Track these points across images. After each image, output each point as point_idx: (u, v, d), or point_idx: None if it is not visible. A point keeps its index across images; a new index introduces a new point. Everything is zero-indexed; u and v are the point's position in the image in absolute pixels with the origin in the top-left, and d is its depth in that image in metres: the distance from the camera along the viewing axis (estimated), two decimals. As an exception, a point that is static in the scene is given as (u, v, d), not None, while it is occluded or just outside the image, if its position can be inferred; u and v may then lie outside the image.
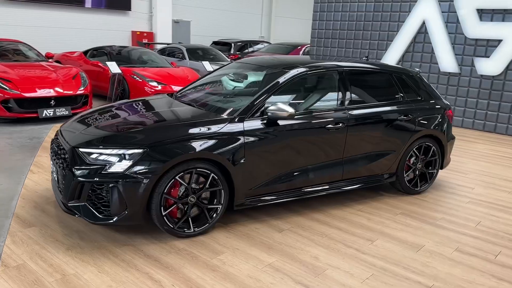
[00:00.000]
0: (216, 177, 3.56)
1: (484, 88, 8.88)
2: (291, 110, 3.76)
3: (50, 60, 9.42)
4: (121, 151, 3.30)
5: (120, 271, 3.03)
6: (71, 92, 7.84)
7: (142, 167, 3.26)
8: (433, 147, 4.91)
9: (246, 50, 15.49)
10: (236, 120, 3.70)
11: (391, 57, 10.00)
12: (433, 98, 5.04)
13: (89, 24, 14.11)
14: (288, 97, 4.21)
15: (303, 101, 4.41)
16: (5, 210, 3.94)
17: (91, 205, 3.34)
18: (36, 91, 7.41)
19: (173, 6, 16.39)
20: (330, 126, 4.11)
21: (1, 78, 7.28)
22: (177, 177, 3.39)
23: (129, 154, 3.29)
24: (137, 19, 15.52)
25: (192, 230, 3.56)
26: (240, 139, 3.65)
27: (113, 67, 9.30)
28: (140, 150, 3.30)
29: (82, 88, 8.05)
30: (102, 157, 3.30)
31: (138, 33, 15.44)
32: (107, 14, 14.59)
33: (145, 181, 3.25)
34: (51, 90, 7.59)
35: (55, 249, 3.27)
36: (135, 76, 9.23)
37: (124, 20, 15.12)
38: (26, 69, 8.03)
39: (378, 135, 4.49)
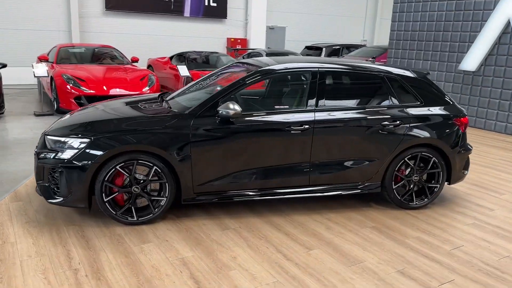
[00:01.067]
0: (160, 170, 3.74)
1: None
2: (237, 109, 3.77)
3: (134, 64, 10.55)
4: (71, 140, 3.69)
5: (50, 245, 3.41)
6: (137, 91, 8.71)
7: (84, 156, 3.61)
8: (434, 158, 4.38)
9: (344, 54, 15.18)
10: (186, 117, 3.84)
11: (472, 60, 8.94)
12: (440, 103, 4.49)
13: (186, 32, 15.33)
14: (251, 97, 4.20)
15: (265, 101, 4.34)
16: (12, 185, 4.66)
17: (52, 186, 3.79)
18: (104, 90, 8.41)
19: (269, 13, 16.86)
20: (292, 128, 3.98)
21: (77, 77, 8.44)
22: (118, 167, 3.66)
23: (77, 143, 3.67)
24: (232, 27, 16.35)
25: (135, 219, 3.80)
26: (187, 136, 3.77)
27: (183, 70, 10.04)
28: (85, 140, 3.66)
29: (147, 88, 8.89)
30: (58, 144, 3.73)
31: (232, 39, 16.25)
32: (204, 22, 15.67)
33: (85, 168, 3.59)
34: (118, 89, 8.54)
35: (17, 221, 3.81)
36: (200, 79, 9.83)
37: (220, 28, 16.06)
38: (103, 70, 9.16)
39: (355, 141, 4.18)
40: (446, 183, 4.57)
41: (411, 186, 4.44)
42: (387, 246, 3.65)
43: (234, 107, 3.77)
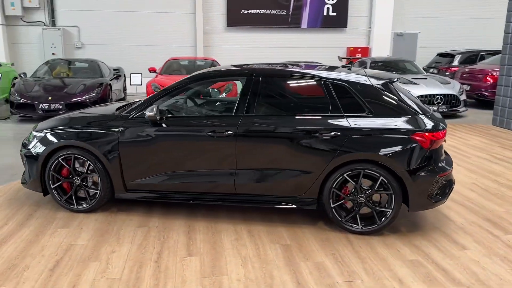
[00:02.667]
0: (93, 165, 4.19)
1: None
2: (150, 113, 3.97)
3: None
4: (36, 134, 4.42)
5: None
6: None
7: (37, 148, 4.30)
8: (381, 177, 3.76)
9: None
10: (119, 118, 4.20)
11: None
12: (396, 115, 3.82)
13: (303, 43, 15.52)
14: (181, 101, 4.30)
15: (201, 105, 4.34)
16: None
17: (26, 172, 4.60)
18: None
19: (397, 19, 15.82)
20: (215, 133, 3.96)
21: (162, 86, 9.53)
22: (59, 159, 4.24)
23: (37, 137, 4.38)
24: (353, 35, 15.86)
25: (75, 206, 4.32)
26: (115, 135, 4.13)
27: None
28: (41, 135, 4.35)
29: (224, 95, 9.48)
30: (32, 138, 4.50)
31: (351, 48, 15.78)
32: (322, 32, 15.62)
33: (37, 157, 4.28)
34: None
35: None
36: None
37: (339, 37, 15.77)
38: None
39: (285, 150, 3.89)
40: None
41: (355, 208, 3.89)
42: (270, 266, 3.34)
43: (149, 112, 3.98)
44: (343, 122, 3.84)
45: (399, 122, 3.79)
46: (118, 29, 14.53)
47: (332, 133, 3.80)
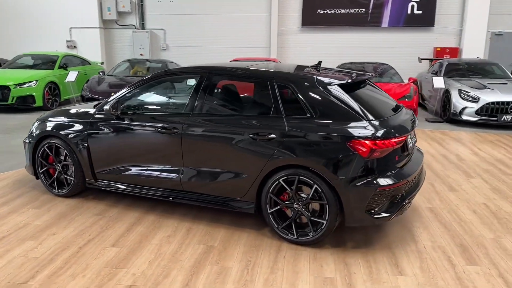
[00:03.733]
0: (68, 155, 4.57)
1: None
2: (106, 108, 4.22)
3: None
4: (35, 123, 4.94)
5: None
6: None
7: (31, 136, 4.81)
8: (316, 185, 3.48)
9: None
10: (91, 112, 4.51)
11: None
12: (339, 118, 3.49)
13: (384, 43, 14.63)
14: (140, 98, 4.41)
15: (153, 101, 4.42)
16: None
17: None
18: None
19: (494, 17, 14.07)
20: (164, 130, 4.04)
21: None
22: (45, 147, 4.70)
23: (34, 126, 4.90)
24: (441, 35, 14.48)
25: (56, 191, 4.74)
26: (85, 127, 4.46)
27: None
28: (36, 124, 4.86)
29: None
30: (32, 126, 5.05)
31: (438, 49, 14.42)
32: (405, 32, 14.55)
33: (29, 144, 4.81)
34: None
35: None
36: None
37: (425, 37, 14.53)
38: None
39: (224, 150, 3.81)
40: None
41: (291, 216, 3.65)
42: (175, 265, 3.31)
43: (109, 106, 4.21)
44: (280, 124, 3.63)
45: (338, 127, 3.46)
46: (197, 31, 15.32)
47: (269, 136, 3.62)
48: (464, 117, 9.08)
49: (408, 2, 14.39)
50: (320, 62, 4.29)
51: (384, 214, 3.46)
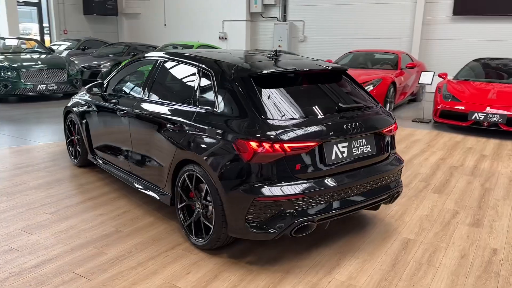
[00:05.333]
0: (78, 128, 5.12)
1: None
2: (94, 88, 4.58)
3: (409, 69, 10.06)
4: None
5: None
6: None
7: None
8: (206, 185, 3.15)
9: None
10: (88, 91, 4.95)
11: None
12: (238, 115, 3.05)
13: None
14: (120, 81, 4.59)
15: (121, 85, 4.52)
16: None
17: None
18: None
19: None
20: (121, 113, 4.20)
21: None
22: (68, 121, 5.38)
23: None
24: None
25: (76, 160, 5.39)
26: (85, 104, 4.95)
27: (424, 78, 8.74)
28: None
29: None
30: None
31: None
32: None
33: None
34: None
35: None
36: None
37: None
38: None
39: (150, 138, 3.78)
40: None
41: (194, 215, 3.37)
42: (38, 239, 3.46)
43: (95, 86, 4.59)
44: (190, 114, 3.39)
45: (228, 124, 3.04)
46: (335, 22, 14.78)
47: (177, 126, 3.42)
48: None
49: None
50: (276, 51, 3.76)
51: (270, 230, 2.91)
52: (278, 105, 3.09)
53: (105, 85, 4.69)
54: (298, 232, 2.96)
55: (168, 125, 3.52)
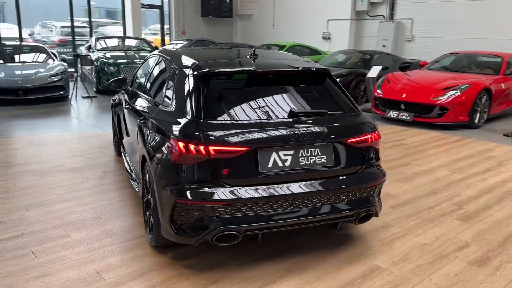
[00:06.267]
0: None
1: None
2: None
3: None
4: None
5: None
6: (424, 101, 7.86)
7: (114, 104, 6.10)
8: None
9: None
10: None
11: None
12: (180, 113, 3.03)
13: None
14: (137, 77, 4.81)
15: (135, 80, 4.71)
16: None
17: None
18: (395, 95, 8.30)
19: None
20: (124, 106, 4.47)
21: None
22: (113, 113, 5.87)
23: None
24: None
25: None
26: (116, 99, 5.35)
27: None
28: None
29: (439, 99, 7.72)
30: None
31: None
32: None
33: (112, 111, 6.11)
34: (405, 95, 8.13)
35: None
36: None
37: None
38: (432, 77, 8.64)
39: (132, 132, 4.03)
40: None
41: (148, 211, 3.41)
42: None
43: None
44: (152, 111, 3.49)
45: (168, 121, 3.03)
46: (447, 20, 13.32)
47: (143, 121, 3.52)
48: None
49: None
50: (254, 50, 3.56)
51: (190, 235, 2.82)
52: (219, 106, 2.96)
53: (130, 81, 4.99)
54: (220, 240, 2.80)
55: (138, 120, 3.63)
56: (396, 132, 7.49)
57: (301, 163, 2.89)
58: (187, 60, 3.39)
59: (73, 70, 12.07)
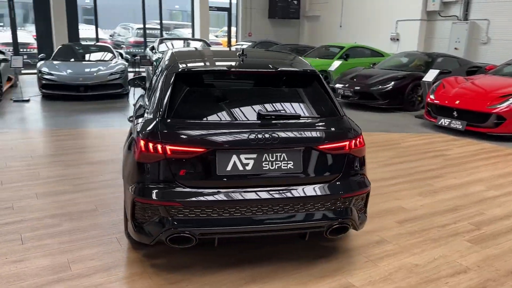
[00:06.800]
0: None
1: None
2: None
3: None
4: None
5: None
6: (478, 109, 7.15)
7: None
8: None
9: None
10: None
11: None
12: (153, 111, 3.02)
13: None
14: None
15: None
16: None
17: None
18: (448, 102, 7.65)
19: None
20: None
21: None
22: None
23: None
24: None
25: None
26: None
27: None
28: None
29: (496, 107, 6.98)
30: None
31: None
32: None
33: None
34: (458, 101, 7.47)
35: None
36: None
37: None
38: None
39: None
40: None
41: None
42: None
43: None
44: (140, 108, 3.50)
45: (139, 119, 3.06)
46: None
47: (132, 118, 3.57)
48: None
49: None
50: (243, 50, 3.44)
51: (147, 234, 2.81)
52: (189, 105, 2.91)
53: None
54: (174, 242, 2.75)
55: (130, 119, 3.71)
56: (444, 142, 6.91)
57: (264, 168, 2.75)
58: (172, 60, 3.39)
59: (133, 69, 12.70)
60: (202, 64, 3.25)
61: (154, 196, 2.70)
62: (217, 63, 3.27)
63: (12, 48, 14.82)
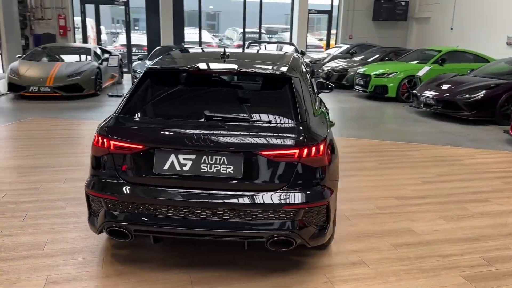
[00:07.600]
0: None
1: None
2: None
3: None
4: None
5: None
6: None
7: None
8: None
9: None
10: None
11: None
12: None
13: None
14: None
15: None
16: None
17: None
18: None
19: None
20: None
21: None
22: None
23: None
24: None
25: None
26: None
27: None
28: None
29: None
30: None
31: None
32: None
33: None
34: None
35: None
36: None
37: None
38: None
39: None
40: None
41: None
42: None
43: None
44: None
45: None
46: None
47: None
48: None
49: None
50: (225, 51, 3.33)
51: (94, 226, 2.94)
52: (141, 103, 2.99)
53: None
54: (112, 234, 2.83)
55: None
56: (520, 162, 5.93)
57: (202, 170, 2.68)
58: (165, 58, 3.48)
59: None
60: (175, 64, 3.28)
61: (96, 189, 2.82)
62: (190, 64, 3.26)
63: (126, 49, 16.52)
